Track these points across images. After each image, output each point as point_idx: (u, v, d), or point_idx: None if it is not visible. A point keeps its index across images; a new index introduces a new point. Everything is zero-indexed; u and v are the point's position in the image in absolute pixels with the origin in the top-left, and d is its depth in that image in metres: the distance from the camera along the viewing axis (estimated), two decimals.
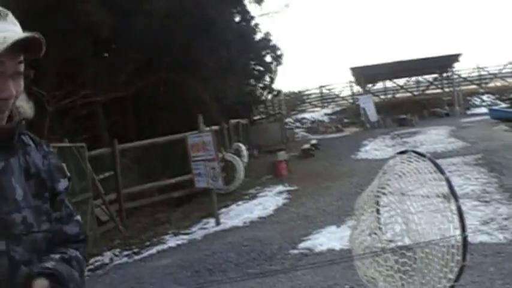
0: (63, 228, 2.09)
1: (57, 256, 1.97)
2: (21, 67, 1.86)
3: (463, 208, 10.22)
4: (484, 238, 8.70)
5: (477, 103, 42.97)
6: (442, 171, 2.72)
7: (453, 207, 2.62)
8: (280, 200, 15.12)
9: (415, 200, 3.00)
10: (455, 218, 2.61)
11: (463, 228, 2.56)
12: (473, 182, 13.25)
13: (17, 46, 1.75)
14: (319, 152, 25.34)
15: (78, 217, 2.22)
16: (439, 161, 2.97)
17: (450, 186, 2.64)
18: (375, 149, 24.28)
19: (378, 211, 3.18)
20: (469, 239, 8.22)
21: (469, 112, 39.47)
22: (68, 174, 2.17)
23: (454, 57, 40.17)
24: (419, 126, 31.84)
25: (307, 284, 7.81)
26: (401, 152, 3.13)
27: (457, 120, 33.49)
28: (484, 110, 37.19)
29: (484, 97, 43.94)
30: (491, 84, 47.64)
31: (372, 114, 37.55)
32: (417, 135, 27.36)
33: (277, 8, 51.16)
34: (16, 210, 1.84)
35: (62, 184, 2.10)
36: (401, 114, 37.78)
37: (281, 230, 11.53)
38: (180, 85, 21.36)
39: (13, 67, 1.82)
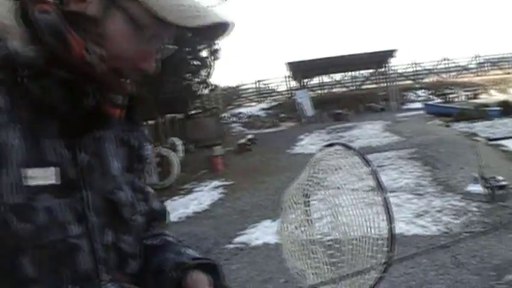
0: (152, 205, 1.68)
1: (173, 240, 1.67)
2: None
3: (397, 201, 10.37)
4: (418, 230, 8.84)
5: (412, 98, 43.83)
6: (368, 164, 2.70)
7: (380, 199, 2.61)
8: (216, 195, 15.07)
9: (345, 193, 2.98)
10: (383, 210, 2.60)
11: (390, 219, 2.55)
12: (407, 175, 13.46)
13: None
14: (256, 147, 25.33)
15: (149, 188, 1.75)
16: (373, 155, 2.97)
17: (377, 178, 2.63)
18: (311, 143, 24.37)
19: (305, 204, 3.16)
20: (403, 231, 8.37)
21: (404, 107, 40.25)
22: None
23: (390, 53, 40.83)
24: (355, 121, 32.22)
25: (242, 279, 7.78)
26: (329, 145, 3.11)
27: (392, 115, 34.06)
28: (419, 105, 38.06)
29: (419, 92, 44.94)
30: (427, 80, 48.77)
31: (308, 109, 37.82)
32: (353, 129, 27.68)
33: (214, 1, 51.10)
34: (118, 187, 1.45)
35: (148, 150, 1.67)
36: (337, 109, 38.12)
37: (217, 225, 11.48)
38: None
39: (169, 36, 1.41)
